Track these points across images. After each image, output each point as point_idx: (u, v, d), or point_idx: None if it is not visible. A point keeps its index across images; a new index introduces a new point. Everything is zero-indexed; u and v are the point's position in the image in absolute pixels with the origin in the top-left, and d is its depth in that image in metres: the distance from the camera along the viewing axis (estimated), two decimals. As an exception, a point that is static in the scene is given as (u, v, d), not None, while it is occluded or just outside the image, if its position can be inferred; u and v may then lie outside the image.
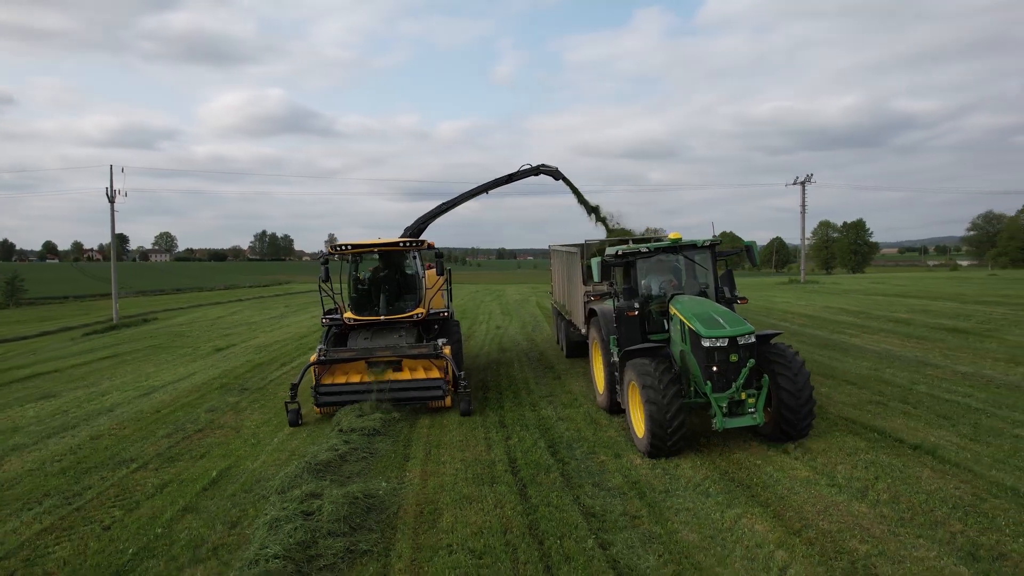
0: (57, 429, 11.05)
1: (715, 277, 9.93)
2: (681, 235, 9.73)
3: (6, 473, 8.86)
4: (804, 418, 8.13)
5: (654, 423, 7.83)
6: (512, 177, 16.65)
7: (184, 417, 11.56)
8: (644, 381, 8.07)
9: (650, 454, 8.11)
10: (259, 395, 13.24)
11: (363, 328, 12.15)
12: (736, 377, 7.99)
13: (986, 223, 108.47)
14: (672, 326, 9.10)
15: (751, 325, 8.20)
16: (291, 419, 10.53)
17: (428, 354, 11.17)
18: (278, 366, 16.75)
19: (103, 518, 7.18)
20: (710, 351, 8.03)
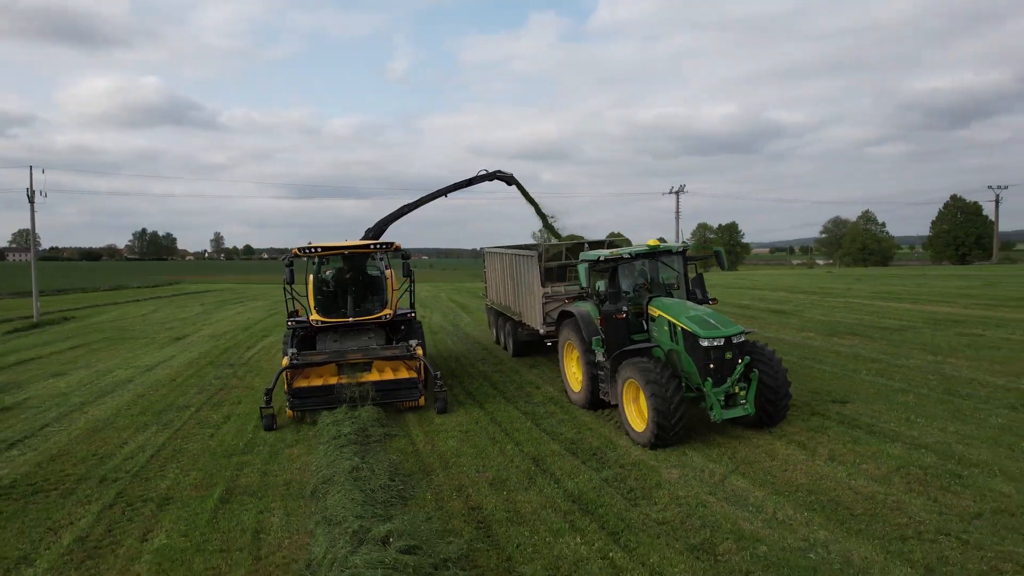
0: (102, 392, 13.94)
1: (686, 280, 10.89)
2: (659, 242, 10.79)
3: (99, 416, 11.94)
4: (783, 406, 9.17)
5: (660, 415, 8.43)
6: (471, 182, 17.40)
7: (199, 382, 14.74)
8: (648, 378, 8.65)
9: (654, 445, 8.69)
10: (247, 368, 16.47)
11: (330, 330, 12.31)
12: (731, 372, 8.82)
13: (835, 227, 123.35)
14: (656, 327, 9.83)
15: (740, 326, 9.17)
16: (266, 424, 10.53)
17: (402, 355, 11.53)
18: (245, 348, 19.82)
19: (203, 433, 10.65)
20: (708, 350, 8.77)
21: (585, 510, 7.06)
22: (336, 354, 11.56)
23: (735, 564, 5.76)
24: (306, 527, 6.89)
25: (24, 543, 6.80)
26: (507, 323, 16.53)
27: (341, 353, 11.58)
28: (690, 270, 10.99)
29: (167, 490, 8.15)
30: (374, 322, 12.27)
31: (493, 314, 18.40)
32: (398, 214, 16.88)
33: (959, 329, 16.61)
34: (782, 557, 5.81)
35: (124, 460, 9.37)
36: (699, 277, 11.01)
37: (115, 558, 6.42)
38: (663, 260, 10.78)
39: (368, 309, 12.49)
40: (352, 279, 12.90)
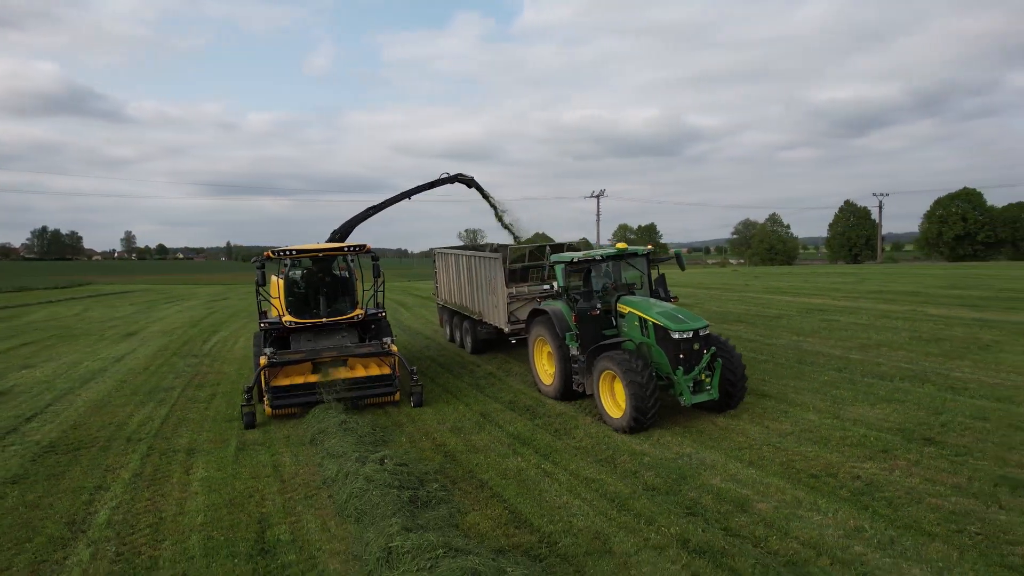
0: (83, 379, 15.38)
1: (650, 280, 11.77)
2: (627, 245, 11.68)
3: (93, 397, 13.52)
4: (740, 391, 10.17)
5: (638, 401, 9.23)
6: (433, 184, 17.73)
7: (172, 369, 16.37)
8: (626, 367, 9.41)
9: (632, 429, 9.47)
10: (212, 357, 18.12)
11: (304, 330, 12.62)
12: (698, 362, 9.71)
13: (745, 228, 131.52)
14: (626, 322, 10.69)
15: (705, 320, 10.09)
16: (247, 421, 10.76)
17: (378, 352, 12.04)
18: (202, 342, 21.30)
19: (197, 406, 12.52)
20: (678, 342, 9.62)
21: (523, 442, 9.59)
22: (312, 352, 11.93)
23: (628, 467, 8.40)
24: (314, 461, 9.09)
25: (93, 478, 8.71)
26: (464, 322, 17.10)
27: (318, 351, 11.94)
28: (653, 271, 11.88)
29: (188, 444, 10.13)
30: (346, 321, 12.69)
31: (447, 313, 18.87)
32: (364, 215, 17.28)
33: (822, 316, 20.17)
34: (660, 462, 8.49)
35: (139, 427, 11.20)
36: (661, 277, 11.82)
37: (171, 484, 8.45)
38: (629, 261, 11.80)
39: (339, 309, 12.89)
40: (322, 280, 13.37)
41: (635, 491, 7.65)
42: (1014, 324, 17.00)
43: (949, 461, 7.93)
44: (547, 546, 6.38)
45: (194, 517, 7.39)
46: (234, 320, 28.00)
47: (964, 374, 12.02)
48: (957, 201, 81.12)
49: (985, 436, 8.68)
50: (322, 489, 8.07)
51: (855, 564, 5.78)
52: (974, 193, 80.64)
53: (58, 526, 7.28)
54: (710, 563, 5.94)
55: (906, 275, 37.05)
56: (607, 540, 6.46)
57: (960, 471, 7.62)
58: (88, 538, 6.94)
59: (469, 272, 16.17)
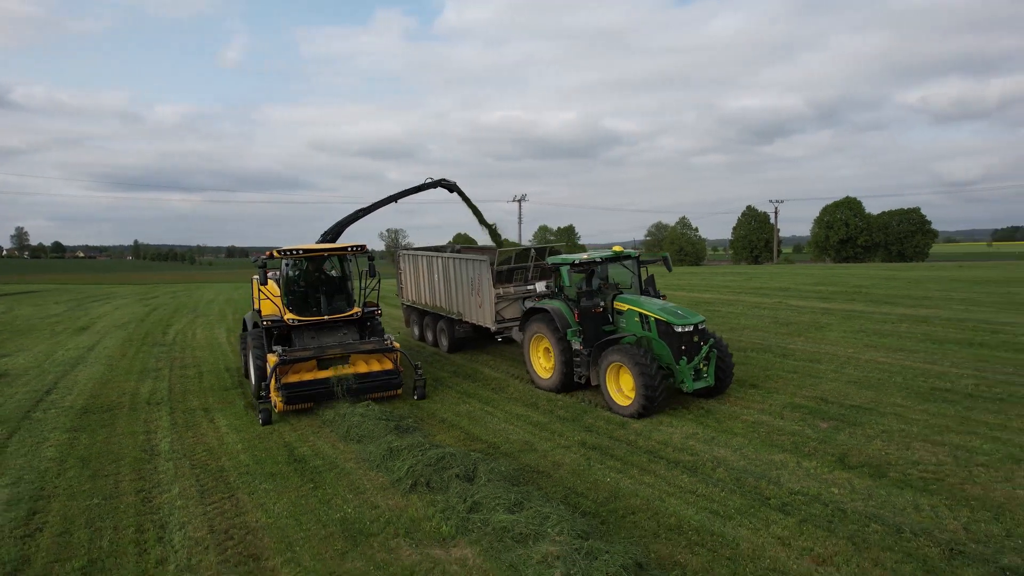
0: (69, 364, 17.33)
1: (640, 280, 12.61)
2: (621, 248, 12.55)
3: (92, 375, 15.66)
4: (729, 377, 11.27)
5: (647, 389, 10.15)
6: (418, 189, 18.29)
7: (148, 355, 18.50)
8: (637, 359, 10.30)
9: (641, 415, 10.45)
10: (180, 346, 20.24)
11: (305, 328, 13.00)
12: (698, 352, 10.73)
13: (657, 230, 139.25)
14: (624, 319, 11.60)
15: (701, 315, 11.22)
16: (264, 418, 11.10)
17: (382, 348, 12.45)
18: (161, 334, 23.23)
19: (191, 381, 14.94)
20: (681, 335, 10.64)
21: (470, 395, 12.73)
22: (319, 349, 12.24)
23: (545, 408, 11.69)
24: (313, 412, 11.89)
25: (139, 427, 11.25)
26: (439, 322, 17.70)
27: (324, 348, 12.29)
28: (643, 272, 12.77)
29: (201, 405, 12.69)
30: (346, 319, 13.20)
31: (416, 313, 19.40)
32: (354, 217, 17.82)
33: (706, 307, 24.28)
34: (568, 404, 11.81)
35: (150, 395, 13.61)
36: (651, 277, 12.64)
37: (204, 428, 11.11)
38: (624, 263, 12.73)
39: (338, 307, 13.29)
40: (321, 279, 13.84)
41: (551, 420, 10.99)
42: (846, 311, 21.54)
43: (761, 395, 11.65)
44: (494, 448, 9.62)
45: (234, 445, 10.15)
46: (180, 315, 29.66)
47: (796, 346, 16.04)
48: (841, 208, 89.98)
49: (790, 382, 12.52)
50: (325, 426, 10.95)
51: (689, 451, 9.24)
52: (855, 201, 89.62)
53: (136, 452, 9.90)
54: (599, 453, 9.30)
55: (787, 275, 42.43)
56: (532, 444, 9.75)
57: (768, 399, 11.34)
58: (163, 457, 9.62)
59: (446, 273, 16.75)
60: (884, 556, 6.19)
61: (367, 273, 13.54)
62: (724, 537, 6.70)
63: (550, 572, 5.75)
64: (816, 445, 9.13)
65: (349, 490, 8.21)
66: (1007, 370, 12.71)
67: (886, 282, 32.96)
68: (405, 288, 19.78)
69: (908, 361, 13.88)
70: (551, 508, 7.04)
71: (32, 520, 7.56)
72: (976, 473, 7.91)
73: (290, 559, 6.51)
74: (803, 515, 7.11)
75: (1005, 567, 5.89)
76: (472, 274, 15.55)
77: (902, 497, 7.40)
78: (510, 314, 15.17)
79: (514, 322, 14.96)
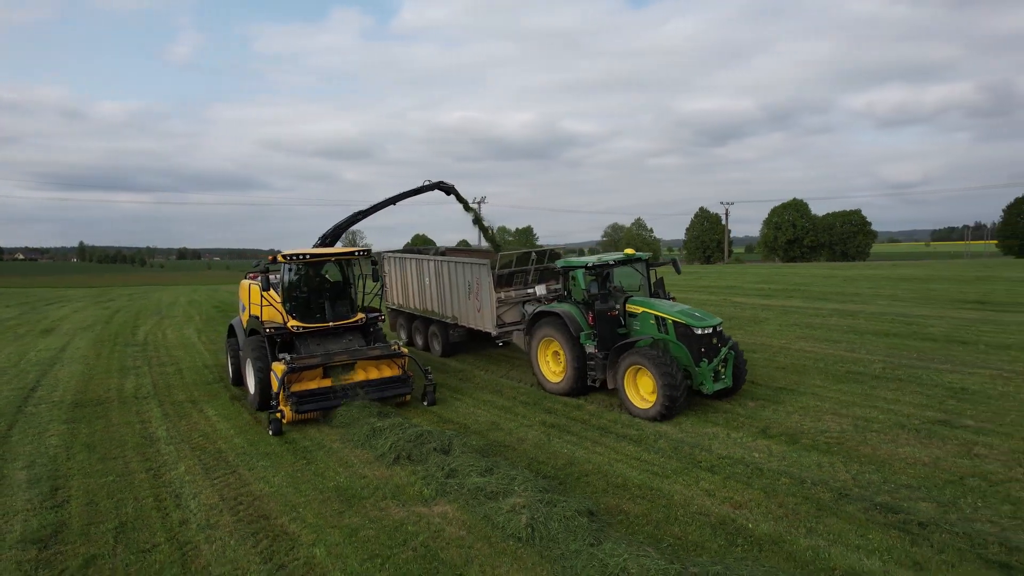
0: (46, 364, 17.84)
1: (649, 282, 12.67)
2: (633, 251, 12.65)
3: (73, 373, 16.28)
4: (742, 377, 11.41)
5: (670, 390, 10.19)
6: (416, 191, 17.97)
7: (123, 354, 19.08)
8: (658, 362, 10.34)
9: (663, 417, 10.44)
10: (152, 346, 20.81)
11: (309, 335, 12.65)
12: (716, 354, 10.80)
13: (613, 231, 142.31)
14: (639, 321, 11.62)
15: (718, 318, 11.28)
16: (274, 428, 10.75)
17: (390, 353, 12.30)
18: (130, 334, 23.69)
19: (172, 376, 15.74)
20: (701, 337, 10.72)
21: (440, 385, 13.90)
22: (327, 356, 11.94)
23: (509, 394, 12.96)
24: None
25: (133, 418, 12.09)
26: (431, 326, 17.45)
27: (331, 355, 12.00)
28: (652, 274, 12.84)
29: (188, 399, 13.56)
30: (351, 325, 12.95)
31: (403, 317, 19.00)
32: (352, 220, 17.62)
33: (657, 304, 25.92)
34: (528, 390, 13.11)
35: (135, 390, 14.39)
36: (660, 280, 12.75)
37: (195, 418, 12.01)
38: (634, 266, 12.77)
39: (341, 313, 12.99)
40: (324, 285, 13.55)
41: (514, 404, 12.30)
42: (784, 307, 23.43)
43: (701, 381, 13.14)
44: (465, 428, 10.87)
45: (227, 431, 11.14)
46: (145, 317, 29.96)
47: (736, 338, 17.49)
48: (788, 210, 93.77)
49: (727, 369, 14.05)
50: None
51: (636, 427, 10.61)
52: (801, 203, 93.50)
53: (136, 439, 10.80)
54: (557, 430, 10.63)
55: (734, 274, 44.69)
56: (499, 424, 11.04)
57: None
58: (163, 442, 10.57)
59: (440, 277, 16.50)
60: (787, 500, 7.64)
61: (371, 277, 13.48)
62: (661, 491, 8.07)
63: (518, 517, 7.01)
64: (744, 420, 10.61)
65: (339, 464, 9.34)
66: (912, 356, 14.52)
67: (823, 280, 35.28)
68: (392, 292, 19.46)
69: (831, 350, 15.62)
70: (517, 472, 8.32)
71: (56, 495, 8.47)
72: (869, 438, 9.48)
73: (295, 518, 7.62)
74: (727, 473, 8.54)
75: (878, 504, 7.40)
76: (470, 277, 15.34)
77: (809, 458, 8.90)
78: (510, 318, 15.05)
79: (514, 326, 14.88)
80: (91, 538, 7.23)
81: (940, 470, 8.27)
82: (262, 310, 12.46)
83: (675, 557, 6.18)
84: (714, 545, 6.67)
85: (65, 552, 6.93)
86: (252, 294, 13.16)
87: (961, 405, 10.76)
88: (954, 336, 16.48)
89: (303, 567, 6.47)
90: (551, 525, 6.82)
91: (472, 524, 7.25)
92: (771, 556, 6.41)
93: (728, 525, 7.11)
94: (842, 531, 6.83)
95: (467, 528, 7.16)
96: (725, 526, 7.09)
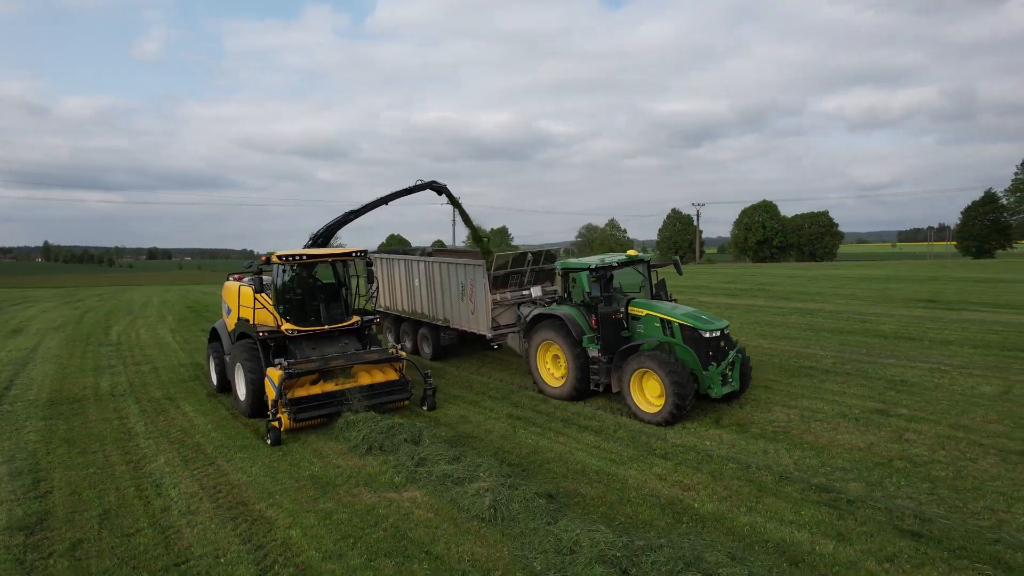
0: (18, 364, 17.87)
1: (651, 284, 12.53)
2: (636, 252, 12.52)
3: (47, 372, 16.41)
4: (748, 380, 11.35)
5: (678, 396, 10.10)
6: (409, 191, 17.34)
7: (96, 354, 19.20)
8: (667, 366, 10.25)
9: (669, 422, 10.34)
10: (126, 346, 20.94)
11: (304, 339, 12.20)
12: (725, 357, 10.68)
13: (587, 232, 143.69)
14: (642, 324, 11.45)
15: (725, 320, 11.30)
16: (273, 438, 10.26)
17: (388, 357, 12.03)
18: (102, 333, 23.74)
19: (148, 375, 15.98)
20: (709, 340, 10.62)
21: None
22: (324, 361, 11.60)
23: (478, 389, 13.47)
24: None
25: (110, 414, 12.36)
26: (421, 328, 17.06)
27: (328, 360, 11.66)
28: (654, 276, 12.72)
29: (164, 396, 13.84)
30: (347, 328, 12.55)
31: (391, 320, 18.48)
32: (343, 220, 17.06)
33: (626, 303, 26.63)
34: (497, 386, 13.64)
35: (111, 388, 14.62)
36: (662, 281, 12.57)
37: (173, 414, 12.33)
38: (637, 268, 12.60)
39: (335, 316, 12.60)
40: (318, 286, 13.04)
41: (482, 399, 12.84)
42: (748, 306, 24.32)
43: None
44: (435, 421, 11.36)
45: (205, 426, 11.48)
46: (117, 317, 29.89)
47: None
48: (758, 211, 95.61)
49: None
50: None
51: (597, 419, 11.20)
52: (771, 204, 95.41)
53: (114, 434, 11.11)
54: (523, 422, 11.19)
55: (703, 274, 45.76)
56: (467, 417, 11.58)
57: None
58: (142, 437, 10.89)
59: (431, 278, 16.15)
60: (732, 483, 8.28)
61: (365, 279, 13.16)
62: (617, 476, 8.65)
63: (482, 500, 7.54)
64: (698, 412, 11.24)
65: (314, 455, 9.78)
66: (861, 351, 15.36)
67: (788, 280, 36.41)
68: (379, 294, 18.93)
69: (788, 346, 16.42)
70: (483, 460, 8.85)
71: (39, 486, 8.79)
72: (813, 427, 10.18)
73: (273, 503, 8.06)
74: (679, 459, 9.16)
75: (813, 484, 8.07)
76: (463, 278, 15.02)
77: (756, 445, 9.56)
78: (505, 320, 14.78)
79: (509, 328, 14.72)
80: (76, 524, 7.60)
81: (872, 454, 8.99)
82: (254, 313, 12.03)
83: (624, 532, 6.75)
84: (662, 523, 7.26)
85: (52, 537, 7.29)
86: (242, 296, 12.72)
87: (899, 396, 11.55)
88: (902, 333, 17.41)
89: (280, 547, 6.93)
90: (512, 506, 7.36)
91: (439, 507, 7.76)
92: (713, 531, 7.01)
93: (676, 505, 7.71)
94: (779, 509, 7.47)
95: (434, 511, 7.67)
96: (673, 506, 7.69)
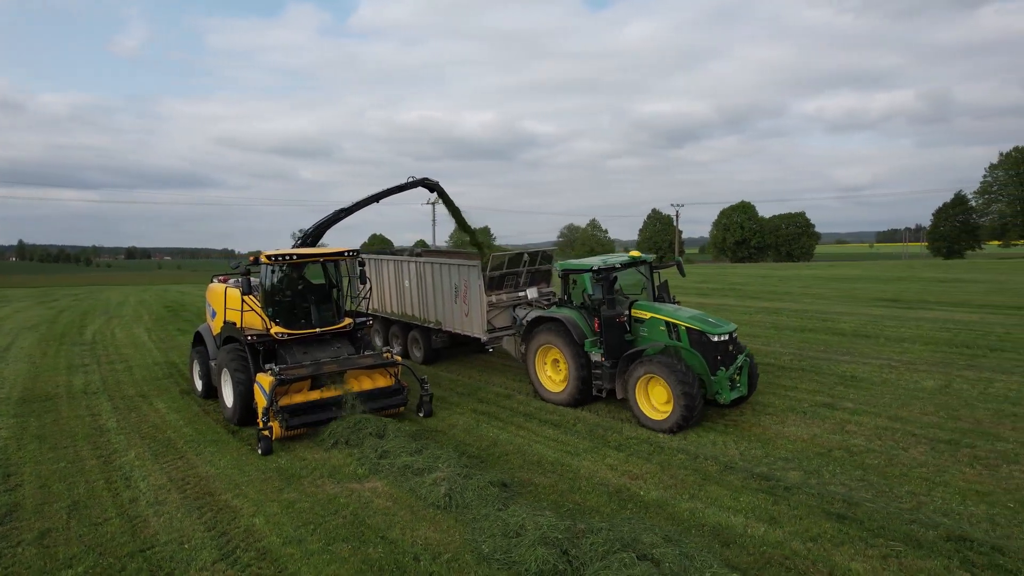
0: (-7, 362, 18.02)
1: (653, 286, 12.23)
2: (639, 253, 12.35)
3: (19, 371, 16.51)
4: (755, 384, 11.13)
5: (688, 400, 9.81)
6: (401, 188, 17.04)
7: (70, 353, 19.28)
8: (676, 371, 9.95)
9: (680, 428, 10.05)
10: (101, 345, 21.03)
11: (294, 343, 11.68)
12: (733, 361, 10.40)
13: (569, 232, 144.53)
14: (647, 327, 11.11)
15: (732, 323, 10.94)
16: (264, 447, 9.87)
17: (383, 362, 11.50)
18: (77, 333, 23.77)
19: (121, 373, 16.14)
20: (717, 344, 10.30)
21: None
22: (316, 366, 11.15)
23: (443, 386, 13.85)
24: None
25: (83, 411, 12.56)
26: (411, 331, 16.68)
27: (321, 365, 11.19)
28: (656, 277, 12.45)
29: (138, 394, 14.04)
30: (340, 331, 12.10)
31: (380, 323, 17.84)
32: (334, 218, 16.66)
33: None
34: (464, 384, 14.01)
35: (84, 386, 14.77)
36: (665, 283, 12.28)
37: (145, 411, 12.55)
38: (639, 269, 12.32)
39: (327, 318, 12.12)
40: (308, 288, 12.56)
41: (449, 394, 13.22)
42: (717, 305, 24.89)
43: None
44: (400, 416, 11.70)
45: (176, 422, 11.74)
46: (92, 317, 29.85)
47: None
48: (737, 212, 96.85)
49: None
50: (255, 406, 12.67)
51: (558, 414, 11.60)
52: (749, 205, 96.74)
53: (86, 430, 11.33)
54: (487, 417, 11.59)
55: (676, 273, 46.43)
56: (433, 411, 11.91)
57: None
58: (114, 432, 11.13)
59: (423, 279, 15.74)
60: (679, 472, 8.72)
61: (358, 279, 12.66)
62: (570, 466, 9.07)
63: (438, 488, 7.93)
64: (656, 406, 11.71)
65: (281, 448, 10.08)
66: (820, 348, 15.94)
67: (760, 280, 37.15)
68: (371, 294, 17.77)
69: (750, 344, 16.88)
70: (443, 452, 9.24)
71: (9, 480, 9.02)
72: (762, 420, 10.68)
73: (239, 494, 8.37)
74: (631, 451, 9.59)
75: (755, 473, 8.54)
76: (457, 280, 14.53)
77: (707, 437, 10.01)
78: (500, 323, 14.41)
79: (504, 331, 14.36)
80: (45, 515, 7.87)
81: (814, 444, 9.49)
82: (241, 316, 11.48)
83: (568, 517, 7.17)
84: (607, 509, 7.68)
85: (21, 527, 7.56)
86: (229, 299, 12.22)
87: (847, 391, 12.10)
88: (860, 331, 18.03)
89: (243, 534, 7.25)
90: (466, 495, 7.75)
91: (398, 496, 8.13)
92: (654, 516, 7.44)
93: (623, 493, 8.14)
94: (720, 496, 7.92)
95: (393, 500, 8.04)
96: (620, 494, 8.12)
